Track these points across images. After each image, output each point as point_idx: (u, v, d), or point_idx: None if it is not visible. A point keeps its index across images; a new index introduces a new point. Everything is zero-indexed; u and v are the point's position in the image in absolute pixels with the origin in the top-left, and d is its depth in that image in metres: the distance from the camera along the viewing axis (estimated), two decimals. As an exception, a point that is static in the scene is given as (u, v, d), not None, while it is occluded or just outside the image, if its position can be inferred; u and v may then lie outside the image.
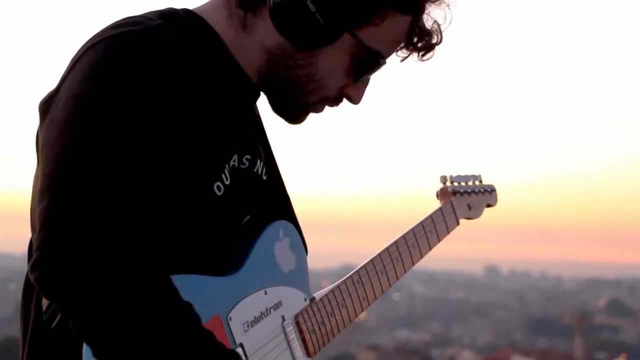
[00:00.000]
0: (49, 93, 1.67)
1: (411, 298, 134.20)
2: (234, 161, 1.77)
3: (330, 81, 1.78)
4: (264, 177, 1.87)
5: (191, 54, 1.69)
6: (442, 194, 2.49)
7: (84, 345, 1.52)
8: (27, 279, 1.70)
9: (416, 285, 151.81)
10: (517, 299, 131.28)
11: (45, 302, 1.65)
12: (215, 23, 1.77)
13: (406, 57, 1.83)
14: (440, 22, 1.81)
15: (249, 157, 1.81)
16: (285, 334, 1.87)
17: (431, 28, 1.80)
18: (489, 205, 2.63)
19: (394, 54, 1.82)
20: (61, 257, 1.44)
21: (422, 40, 1.80)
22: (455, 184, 2.51)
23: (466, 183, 2.55)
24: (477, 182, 2.60)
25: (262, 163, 1.85)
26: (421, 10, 1.77)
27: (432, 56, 1.84)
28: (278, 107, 1.82)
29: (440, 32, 1.81)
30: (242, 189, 1.79)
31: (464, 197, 2.51)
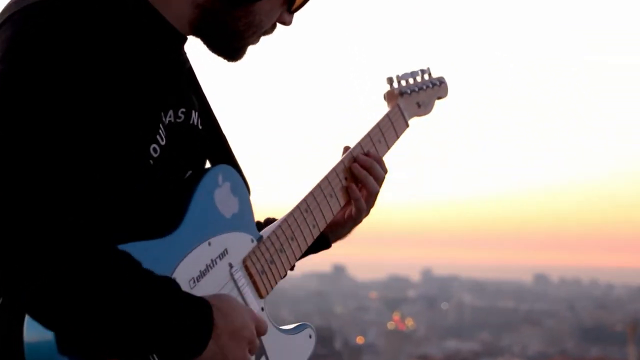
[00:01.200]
0: None
1: (460, 308, 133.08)
2: (170, 117, 1.76)
3: (267, 21, 1.83)
4: (200, 127, 1.86)
5: (110, 12, 1.67)
6: (389, 96, 2.32)
7: (25, 320, 1.57)
8: None
9: (465, 294, 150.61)
10: (568, 307, 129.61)
11: None
12: None
13: None
14: None
15: (183, 110, 1.80)
16: (235, 281, 1.84)
17: None
18: (439, 98, 2.45)
19: None
20: (4, 250, 1.47)
21: None
22: (403, 82, 2.34)
23: (414, 80, 2.37)
24: (425, 77, 2.41)
25: (196, 113, 1.85)
26: None
27: None
28: (217, 50, 1.84)
29: None
30: (180, 145, 1.78)
31: (412, 96, 2.35)
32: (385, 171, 2.16)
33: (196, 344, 1.61)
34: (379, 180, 2.15)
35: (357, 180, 2.13)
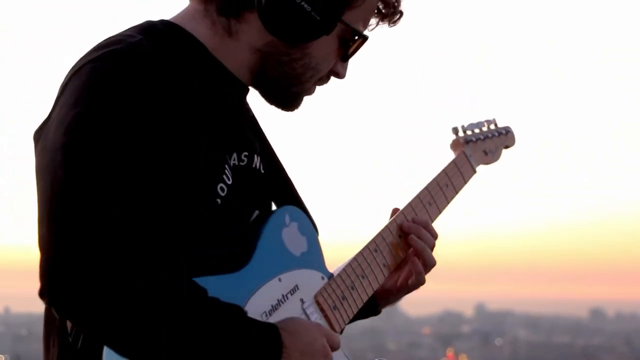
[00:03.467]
0: (42, 122, 1.76)
1: (514, 343, 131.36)
2: (234, 160, 1.82)
3: (324, 65, 1.88)
4: (262, 171, 1.90)
5: (173, 63, 1.74)
6: (454, 145, 2.42)
7: (104, 351, 1.61)
8: (47, 308, 1.76)
9: (519, 329, 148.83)
10: (625, 342, 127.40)
11: (69, 325, 1.70)
12: (197, 32, 1.83)
13: (376, 26, 1.94)
14: None
15: (246, 153, 1.86)
16: (307, 316, 1.87)
17: None
18: (506, 147, 2.52)
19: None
20: (65, 275, 1.54)
21: (392, 7, 1.93)
22: (469, 132, 2.43)
23: (480, 130, 2.46)
24: (491, 127, 2.49)
25: (258, 157, 1.90)
26: None
27: (400, 19, 1.94)
28: (274, 99, 1.90)
29: None
30: (245, 186, 1.83)
31: (478, 144, 2.43)
32: (435, 236, 2.16)
33: None
34: (431, 247, 2.14)
35: (414, 249, 2.13)
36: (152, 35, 1.77)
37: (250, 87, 1.90)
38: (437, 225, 2.19)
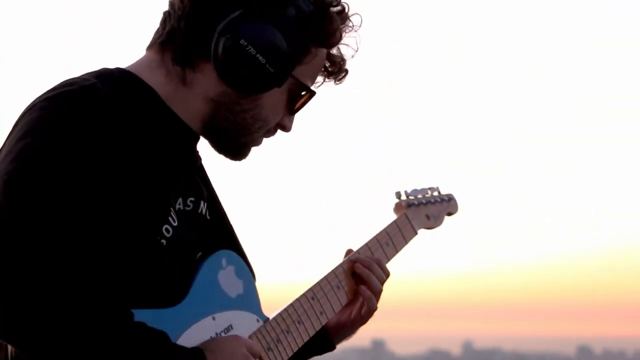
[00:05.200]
0: None
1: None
2: (179, 204, 1.89)
3: (273, 117, 1.97)
4: (208, 217, 1.98)
5: (125, 108, 1.82)
6: (397, 208, 2.50)
7: None
8: None
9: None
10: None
11: (10, 349, 1.76)
12: (151, 80, 1.90)
13: (322, 83, 2.04)
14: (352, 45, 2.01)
15: (192, 199, 1.94)
16: None
17: (342, 54, 2.02)
18: (449, 214, 2.62)
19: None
20: (7, 306, 1.60)
21: (338, 66, 2.03)
22: (411, 197, 2.52)
23: (422, 195, 2.54)
24: (434, 193, 2.58)
25: (205, 203, 1.98)
26: (339, 41, 1.99)
27: (345, 78, 2.05)
28: (223, 148, 1.99)
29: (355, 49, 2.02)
30: (190, 229, 1.90)
31: (421, 208, 2.51)
32: (387, 274, 2.27)
33: None
34: (380, 281, 2.23)
35: (361, 280, 2.22)
36: (106, 80, 1.84)
37: (200, 136, 1.98)
38: (421, 262, 2.14)
